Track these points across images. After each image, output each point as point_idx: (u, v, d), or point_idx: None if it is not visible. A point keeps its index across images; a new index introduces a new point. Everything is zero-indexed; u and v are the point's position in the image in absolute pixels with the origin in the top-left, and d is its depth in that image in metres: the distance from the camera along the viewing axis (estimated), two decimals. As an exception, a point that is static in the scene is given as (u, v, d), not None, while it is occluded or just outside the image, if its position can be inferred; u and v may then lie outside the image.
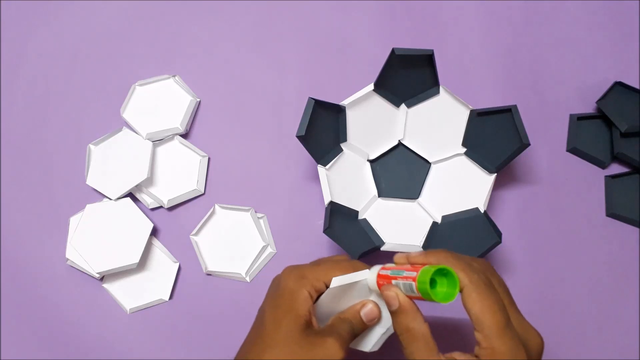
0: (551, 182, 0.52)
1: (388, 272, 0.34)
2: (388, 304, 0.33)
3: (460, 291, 0.31)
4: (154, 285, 0.50)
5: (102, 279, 0.51)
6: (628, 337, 0.48)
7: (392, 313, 0.33)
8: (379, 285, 0.34)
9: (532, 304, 0.49)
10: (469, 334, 0.48)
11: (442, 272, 0.30)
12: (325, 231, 0.43)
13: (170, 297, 0.50)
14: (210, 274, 0.51)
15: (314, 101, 0.44)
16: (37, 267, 0.51)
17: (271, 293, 0.36)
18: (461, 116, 0.49)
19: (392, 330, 0.36)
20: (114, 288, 0.50)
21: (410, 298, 0.32)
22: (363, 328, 0.36)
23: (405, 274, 0.32)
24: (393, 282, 0.33)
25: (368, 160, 0.51)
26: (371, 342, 0.37)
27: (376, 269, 0.35)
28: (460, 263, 0.32)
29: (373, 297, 0.37)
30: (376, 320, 0.36)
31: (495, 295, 0.31)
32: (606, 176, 0.52)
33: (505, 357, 0.29)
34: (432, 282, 0.30)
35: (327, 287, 0.35)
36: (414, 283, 0.31)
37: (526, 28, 0.57)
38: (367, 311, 0.36)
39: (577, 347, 0.48)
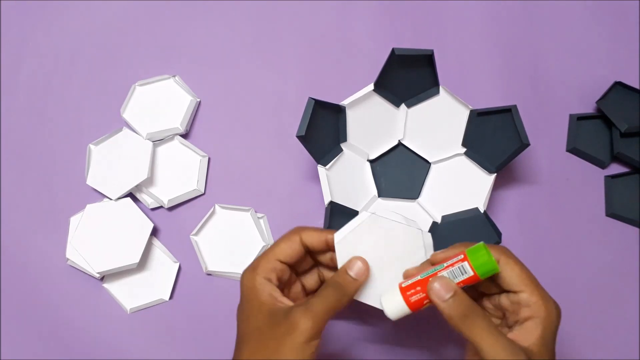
0: (551, 182, 0.52)
1: (418, 277, 0.34)
2: (440, 296, 0.32)
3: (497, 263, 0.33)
4: (154, 285, 0.50)
5: (102, 278, 0.51)
6: (628, 337, 0.49)
7: (446, 303, 0.32)
8: (410, 295, 0.34)
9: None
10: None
11: (479, 251, 0.33)
12: None
13: (170, 297, 0.50)
14: (210, 274, 0.51)
15: (314, 101, 0.44)
16: (37, 267, 0.51)
17: (240, 299, 0.37)
18: (461, 116, 0.49)
19: (429, 244, 0.36)
20: (114, 288, 0.50)
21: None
22: (355, 286, 0.35)
23: (445, 265, 0.33)
24: (431, 279, 0.33)
25: (368, 160, 0.51)
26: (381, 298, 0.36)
27: (392, 294, 0.35)
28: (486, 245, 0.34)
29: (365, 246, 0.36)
30: (366, 274, 0.35)
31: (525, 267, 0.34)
32: (606, 176, 0.52)
33: (553, 307, 0.33)
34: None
35: (280, 261, 0.36)
36: (465, 263, 0.33)
37: (526, 28, 0.57)
38: (355, 269, 0.35)
39: (577, 346, 0.48)
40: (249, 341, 0.34)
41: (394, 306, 0.34)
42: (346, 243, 0.36)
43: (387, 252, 0.36)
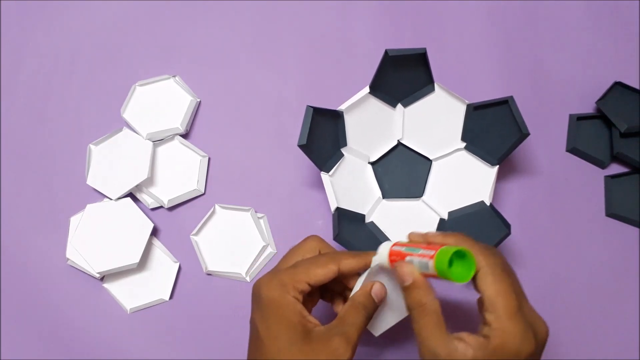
0: (551, 182, 0.52)
1: (402, 249, 0.34)
2: (402, 279, 0.33)
3: (476, 273, 0.32)
4: (154, 285, 0.50)
5: (102, 278, 0.51)
6: (628, 337, 0.49)
7: (405, 288, 0.33)
8: (392, 262, 0.35)
9: (531, 303, 0.49)
10: (473, 316, 0.48)
11: (459, 254, 0.31)
12: (335, 238, 0.43)
13: (170, 297, 0.50)
14: (210, 274, 0.51)
15: (312, 109, 0.44)
16: (37, 267, 0.51)
17: (257, 305, 0.36)
18: (458, 111, 0.49)
19: (403, 316, 0.37)
20: (114, 288, 0.50)
21: (424, 276, 0.33)
22: (375, 309, 0.36)
23: (422, 252, 0.33)
24: (407, 258, 0.34)
25: (369, 162, 0.51)
26: (382, 328, 0.38)
27: (387, 245, 0.35)
28: (477, 246, 0.33)
29: (382, 278, 0.37)
30: (384, 297, 0.36)
31: (510, 280, 0.32)
32: (606, 176, 0.52)
33: (515, 339, 0.30)
34: (450, 262, 0.31)
35: (309, 285, 0.35)
36: (431, 261, 0.32)
37: (526, 28, 0.57)
38: (376, 291, 0.36)
39: (576, 346, 0.48)
40: (284, 356, 0.33)
41: (382, 259, 0.36)
42: (374, 272, 0.37)
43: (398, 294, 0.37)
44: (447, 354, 0.31)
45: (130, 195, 0.52)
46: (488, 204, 0.47)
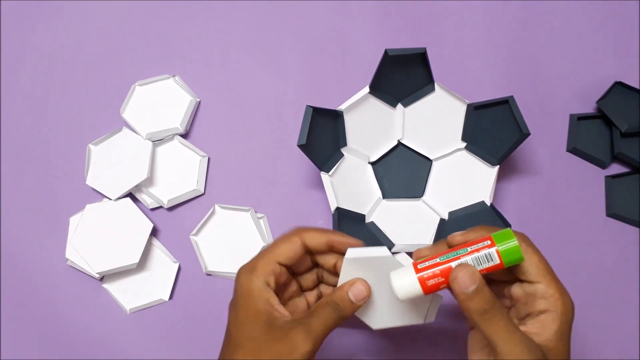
0: (551, 182, 0.52)
1: (437, 260, 0.32)
2: (464, 286, 0.30)
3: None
4: (153, 285, 0.50)
5: (102, 279, 0.51)
6: (628, 337, 0.48)
7: (469, 295, 0.30)
8: (426, 279, 0.31)
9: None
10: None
11: (506, 237, 0.32)
12: None
13: (170, 297, 0.50)
14: (210, 274, 0.51)
15: (312, 109, 0.44)
16: (37, 267, 0.51)
17: (234, 292, 0.35)
18: (458, 111, 0.49)
19: (407, 322, 0.35)
20: (113, 288, 0.50)
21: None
22: (352, 309, 0.35)
23: (469, 249, 0.31)
24: (460, 261, 0.31)
25: (369, 162, 0.51)
26: (421, 316, 0.35)
27: (406, 271, 0.32)
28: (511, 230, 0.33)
29: (368, 273, 0.35)
30: (366, 299, 0.35)
31: (535, 248, 0.34)
32: (606, 176, 0.52)
33: (569, 299, 0.32)
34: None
35: (280, 264, 0.35)
36: (493, 249, 0.31)
37: (526, 28, 0.57)
38: (355, 292, 0.34)
39: (576, 346, 0.48)
40: (242, 348, 0.33)
41: (407, 286, 0.32)
42: (354, 264, 0.35)
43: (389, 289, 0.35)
44: (534, 348, 0.30)
45: (130, 195, 0.52)
46: (488, 204, 0.47)
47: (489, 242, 0.31)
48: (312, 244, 0.36)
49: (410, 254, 0.36)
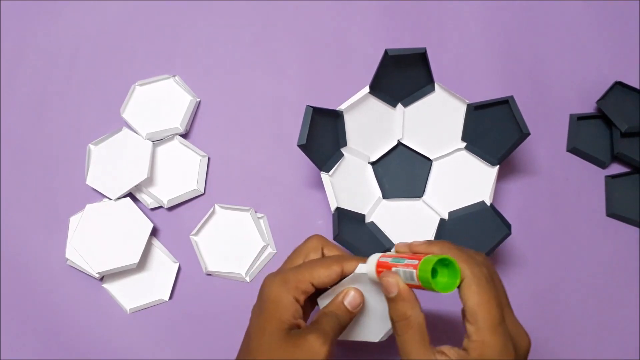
0: (551, 182, 0.52)
1: (388, 260, 0.34)
2: (387, 290, 0.33)
3: (460, 283, 0.31)
4: (153, 285, 0.50)
5: (102, 279, 0.51)
6: (628, 337, 0.48)
7: (390, 300, 0.33)
8: (378, 273, 0.34)
9: (531, 303, 0.49)
10: (459, 327, 0.48)
11: (444, 263, 0.31)
12: (335, 238, 0.43)
13: (170, 297, 0.50)
14: (210, 274, 0.51)
15: (312, 109, 0.44)
16: (37, 267, 0.51)
17: (259, 298, 0.36)
18: (458, 111, 0.49)
19: None
20: (113, 288, 0.50)
21: (410, 286, 0.32)
22: (350, 317, 0.36)
23: (407, 262, 0.32)
24: (393, 269, 0.33)
25: (369, 162, 0.51)
26: (380, 334, 0.37)
27: (375, 257, 0.35)
28: (462, 255, 0.32)
29: (372, 287, 0.36)
30: (361, 306, 0.36)
31: (494, 291, 0.31)
32: (606, 176, 0.52)
33: (494, 352, 0.30)
34: (434, 272, 0.30)
35: (313, 285, 0.35)
36: (415, 271, 0.31)
37: (526, 28, 0.57)
38: (350, 300, 0.36)
39: (576, 346, 0.48)
40: (259, 353, 0.34)
41: (370, 272, 0.35)
42: (355, 278, 0.36)
43: (371, 303, 0.37)
44: None
45: (130, 195, 0.52)
46: (488, 204, 0.47)
47: (416, 262, 0.31)
48: (347, 272, 0.36)
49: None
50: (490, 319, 0.30)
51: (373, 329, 0.37)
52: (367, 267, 0.35)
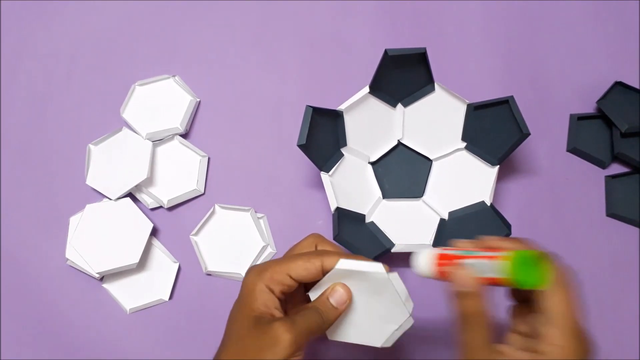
0: (551, 182, 0.52)
1: (455, 252, 0.32)
2: (458, 284, 0.32)
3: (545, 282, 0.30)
4: (153, 285, 0.50)
5: (102, 279, 0.51)
6: (628, 337, 0.48)
7: (459, 294, 0.32)
8: (440, 265, 0.33)
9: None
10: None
11: (532, 259, 0.30)
12: (335, 238, 0.43)
13: (170, 297, 0.50)
14: (210, 274, 0.51)
15: (312, 109, 0.44)
16: (37, 267, 0.51)
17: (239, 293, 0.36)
18: (458, 111, 0.49)
19: (406, 327, 0.35)
20: (113, 288, 0.50)
21: (480, 281, 0.31)
22: (335, 314, 0.35)
23: (486, 254, 0.31)
24: (464, 261, 0.32)
25: (369, 162, 0.51)
26: (382, 339, 0.36)
27: (427, 251, 0.34)
28: (549, 254, 0.31)
29: (385, 294, 0.35)
30: (348, 303, 0.35)
31: (578, 299, 0.31)
32: (606, 176, 0.52)
33: (575, 357, 0.30)
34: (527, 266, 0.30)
35: (291, 278, 0.35)
36: (502, 263, 0.30)
37: (526, 28, 0.57)
38: (337, 297, 0.35)
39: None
40: (230, 345, 0.34)
41: (423, 266, 0.35)
42: (341, 274, 0.35)
43: (371, 304, 0.36)
44: None
45: (130, 195, 0.52)
46: (488, 204, 0.47)
47: (503, 254, 0.30)
48: (330, 269, 0.35)
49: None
50: (577, 327, 0.30)
51: (374, 331, 0.36)
52: (419, 263, 0.34)
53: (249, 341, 0.33)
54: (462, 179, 0.49)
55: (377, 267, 0.34)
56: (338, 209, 0.46)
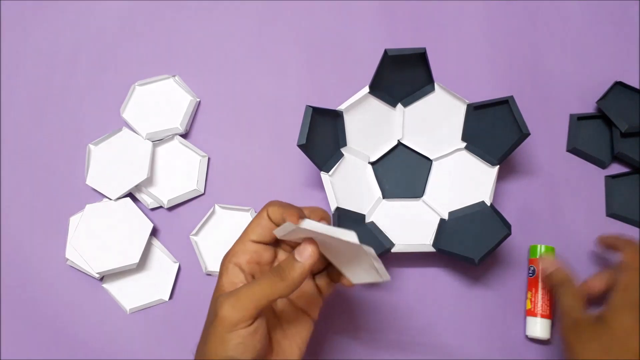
0: (551, 182, 0.52)
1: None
2: (546, 268, 0.44)
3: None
4: (153, 285, 0.50)
5: (102, 279, 0.51)
6: (628, 337, 0.48)
7: (550, 274, 0.44)
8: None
9: (532, 304, 0.49)
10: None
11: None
12: None
13: (170, 297, 0.50)
14: (210, 274, 0.51)
15: (312, 109, 0.44)
16: (37, 267, 0.51)
17: None
18: (458, 111, 0.49)
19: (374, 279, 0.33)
20: (113, 288, 0.50)
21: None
22: (300, 268, 0.32)
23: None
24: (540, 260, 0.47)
25: (369, 162, 0.51)
26: (356, 280, 0.34)
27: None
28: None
29: (362, 258, 0.32)
30: (313, 257, 0.32)
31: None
32: (606, 176, 0.52)
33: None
34: None
35: (255, 242, 0.34)
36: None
37: (526, 28, 0.57)
38: (301, 249, 0.32)
39: (577, 347, 0.48)
40: (202, 333, 0.34)
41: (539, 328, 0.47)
42: (299, 231, 0.32)
43: (341, 253, 0.33)
44: (595, 316, 0.40)
45: (130, 195, 0.52)
46: (489, 204, 0.47)
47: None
48: (275, 218, 0.34)
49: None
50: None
51: (363, 273, 0.34)
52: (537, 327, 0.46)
53: (207, 320, 0.33)
54: (462, 179, 0.49)
55: (349, 235, 0.30)
56: (338, 209, 0.46)
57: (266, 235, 0.35)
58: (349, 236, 0.30)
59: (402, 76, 0.48)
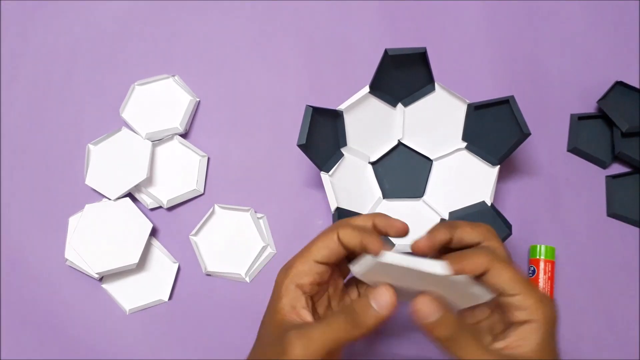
0: (551, 182, 0.52)
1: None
2: (424, 315, 0.29)
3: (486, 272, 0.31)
4: (153, 285, 0.50)
5: (101, 279, 0.51)
6: (628, 337, 0.48)
7: (431, 323, 0.29)
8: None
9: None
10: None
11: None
12: None
13: (170, 298, 0.50)
14: (210, 275, 0.51)
15: (312, 109, 0.44)
16: (36, 267, 0.51)
17: None
18: (459, 111, 0.49)
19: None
20: (113, 288, 0.50)
21: None
22: (375, 318, 0.30)
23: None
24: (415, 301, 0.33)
25: (369, 162, 0.51)
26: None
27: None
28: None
29: (438, 287, 0.31)
30: (392, 306, 0.30)
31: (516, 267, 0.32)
32: (607, 176, 0.52)
33: (552, 309, 0.31)
34: None
35: (318, 262, 0.32)
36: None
37: (526, 28, 0.57)
38: (379, 299, 0.30)
39: (577, 346, 0.48)
40: (255, 348, 0.33)
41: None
42: (385, 267, 0.30)
43: (409, 281, 0.31)
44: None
45: (129, 195, 0.51)
46: (489, 204, 0.47)
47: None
48: (347, 242, 0.33)
49: None
50: (529, 283, 0.31)
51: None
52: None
53: (268, 349, 0.31)
54: (463, 179, 0.49)
55: (438, 267, 0.28)
56: (338, 209, 0.45)
57: (332, 257, 0.33)
58: (440, 268, 0.28)
59: (402, 76, 0.48)
